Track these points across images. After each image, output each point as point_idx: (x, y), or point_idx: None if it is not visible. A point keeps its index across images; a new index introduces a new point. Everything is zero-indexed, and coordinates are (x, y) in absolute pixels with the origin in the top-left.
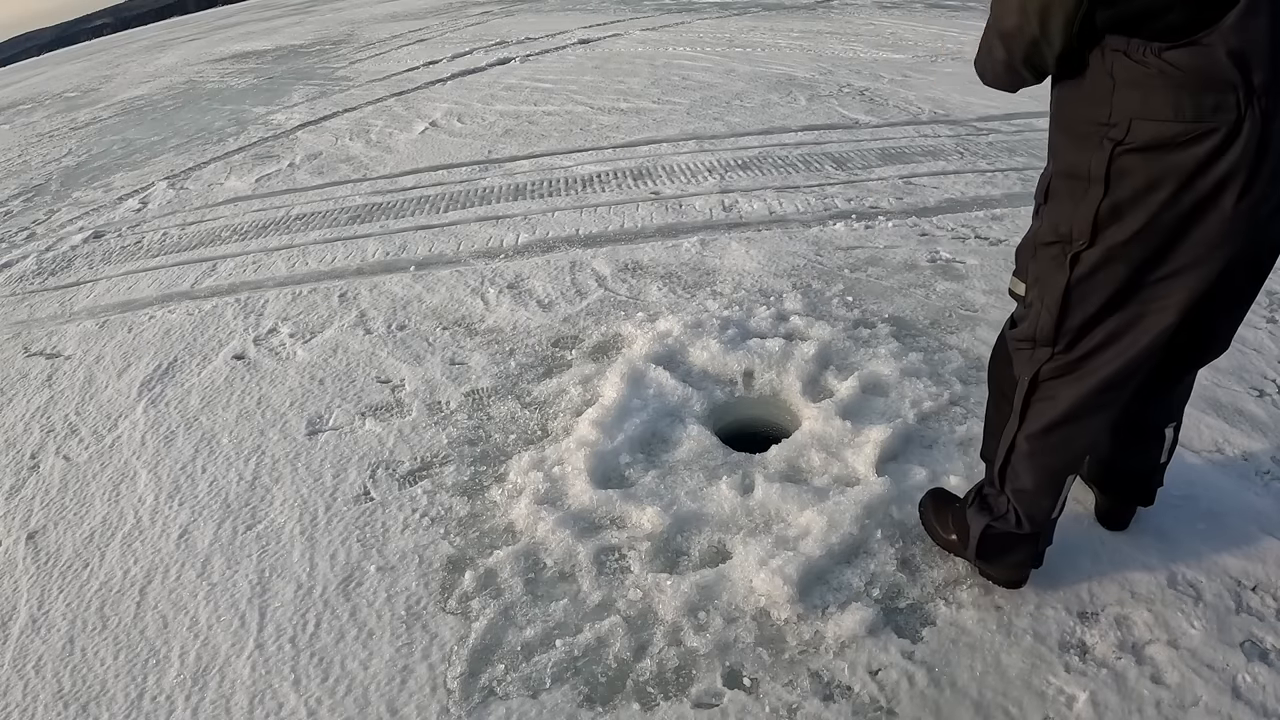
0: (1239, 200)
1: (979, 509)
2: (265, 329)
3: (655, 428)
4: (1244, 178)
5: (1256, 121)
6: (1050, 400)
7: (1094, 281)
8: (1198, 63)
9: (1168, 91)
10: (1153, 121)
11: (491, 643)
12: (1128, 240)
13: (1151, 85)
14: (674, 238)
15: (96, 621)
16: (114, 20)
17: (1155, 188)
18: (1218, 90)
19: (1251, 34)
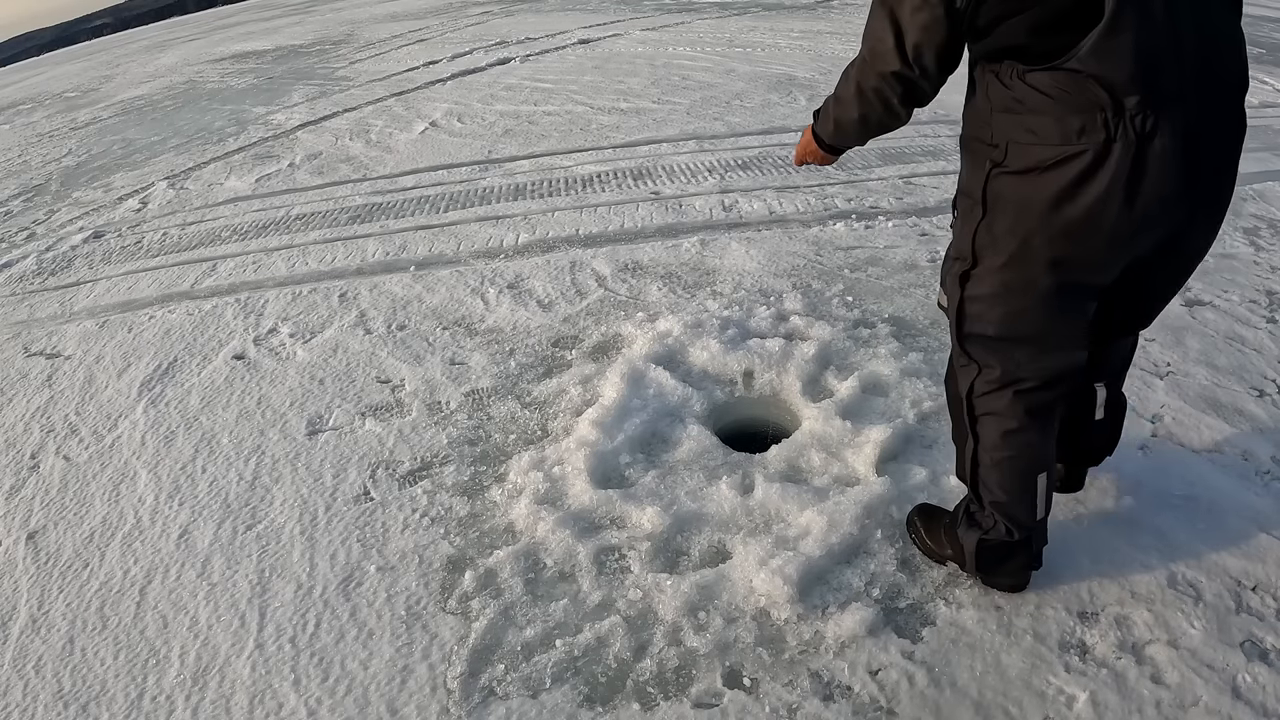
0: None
1: (968, 526)
2: (265, 329)
3: (655, 428)
4: (1120, 199)
5: (1130, 142)
6: (990, 414)
7: (981, 301)
8: (1061, 86)
9: (1035, 115)
10: (1024, 145)
11: (491, 643)
12: (1005, 263)
13: (1021, 109)
14: (674, 238)
15: (96, 621)
16: (114, 20)
17: (1026, 211)
18: (1084, 112)
19: (1116, 54)
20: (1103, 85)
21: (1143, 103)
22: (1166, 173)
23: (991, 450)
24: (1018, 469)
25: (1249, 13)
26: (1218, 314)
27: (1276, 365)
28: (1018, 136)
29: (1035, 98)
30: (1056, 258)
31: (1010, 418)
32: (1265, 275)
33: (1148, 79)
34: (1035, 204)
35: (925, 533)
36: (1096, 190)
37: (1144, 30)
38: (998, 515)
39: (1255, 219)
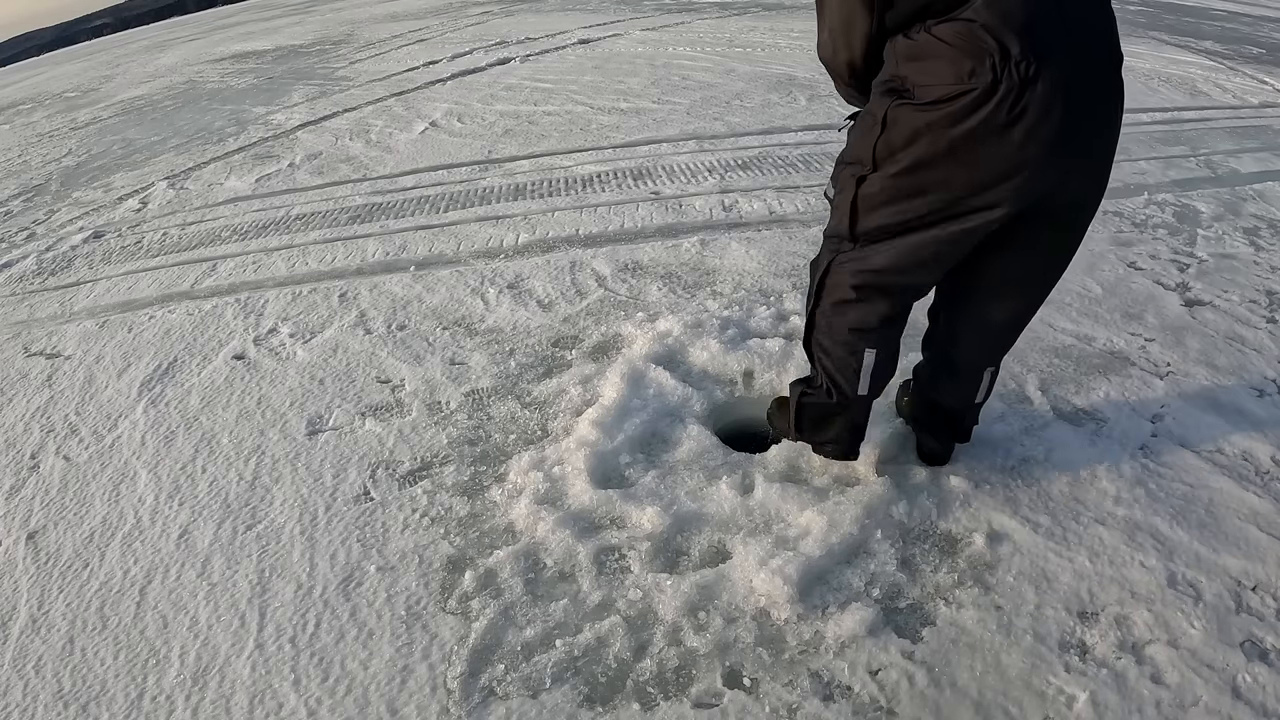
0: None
1: (798, 381)
2: (265, 329)
3: (655, 428)
4: (999, 128)
5: (1014, 84)
6: (839, 280)
7: (873, 199)
8: (959, 34)
9: (936, 60)
10: (924, 85)
11: (491, 643)
12: (897, 173)
13: (924, 55)
14: (674, 238)
15: (96, 621)
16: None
17: (918, 135)
18: (975, 57)
19: (1004, 8)
20: (992, 34)
21: (1024, 51)
22: (1043, 116)
23: (827, 311)
24: (844, 329)
25: (1249, 13)
26: (1218, 314)
27: (1276, 365)
28: (920, 79)
29: (936, 45)
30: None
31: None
32: (1265, 275)
33: (1030, 32)
34: (929, 126)
35: (776, 408)
36: (980, 118)
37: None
38: (824, 375)
39: (1255, 219)
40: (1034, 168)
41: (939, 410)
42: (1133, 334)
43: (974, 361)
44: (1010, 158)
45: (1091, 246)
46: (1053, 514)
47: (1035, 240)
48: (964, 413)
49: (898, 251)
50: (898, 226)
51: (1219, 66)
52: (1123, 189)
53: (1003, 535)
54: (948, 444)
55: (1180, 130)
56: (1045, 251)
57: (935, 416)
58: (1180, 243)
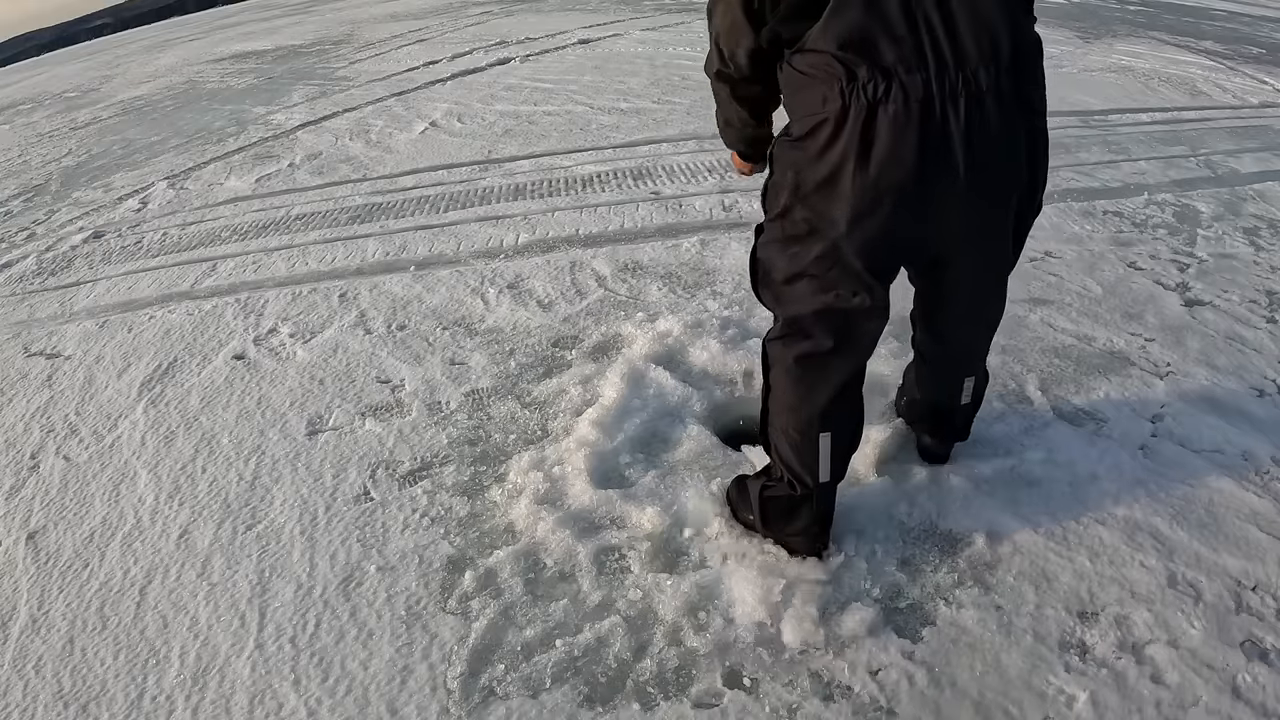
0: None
1: (757, 476)
2: (265, 329)
3: (655, 428)
4: (853, 164)
5: (861, 108)
6: (776, 363)
7: (767, 249)
8: (811, 64)
9: (799, 92)
10: (796, 118)
11: (491, 643)
12: (780, 213)
13: (790, 87)
14: (674, 238)
15: (96, 621)
16: (114, 20)
17: (791, 169)
18: (827, 83)
19: (845, 29)
20: (837, 59)
21: (871, 71)
22: (898, 137)
23: (778, 397)
24: (799, 420)
25: (1249, 12)
26: (1218, 314)
27: (1276, 365)
28: (793, 111)
29: (797, 77)
30: (814, 215)
31: (788, 368)
32: (1265, 275)
33: (872, 51)
34: (798, 163)
35: (737, 496)
36: (838, 150)
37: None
38: (783, 468)
39: (1255, 219)
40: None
41: (930, 409)
42: (1133, 334)
43: (949, 371)
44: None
45: (1091, 247)
46: (1053, 514)
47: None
48: (952, 412)
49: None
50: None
51: (1219, 66)
52: (1122, 189)
53: (1003, 535)
54: (946, 442)
55: (1180, 130)
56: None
57: (928, 416)
58: (1180, 243)
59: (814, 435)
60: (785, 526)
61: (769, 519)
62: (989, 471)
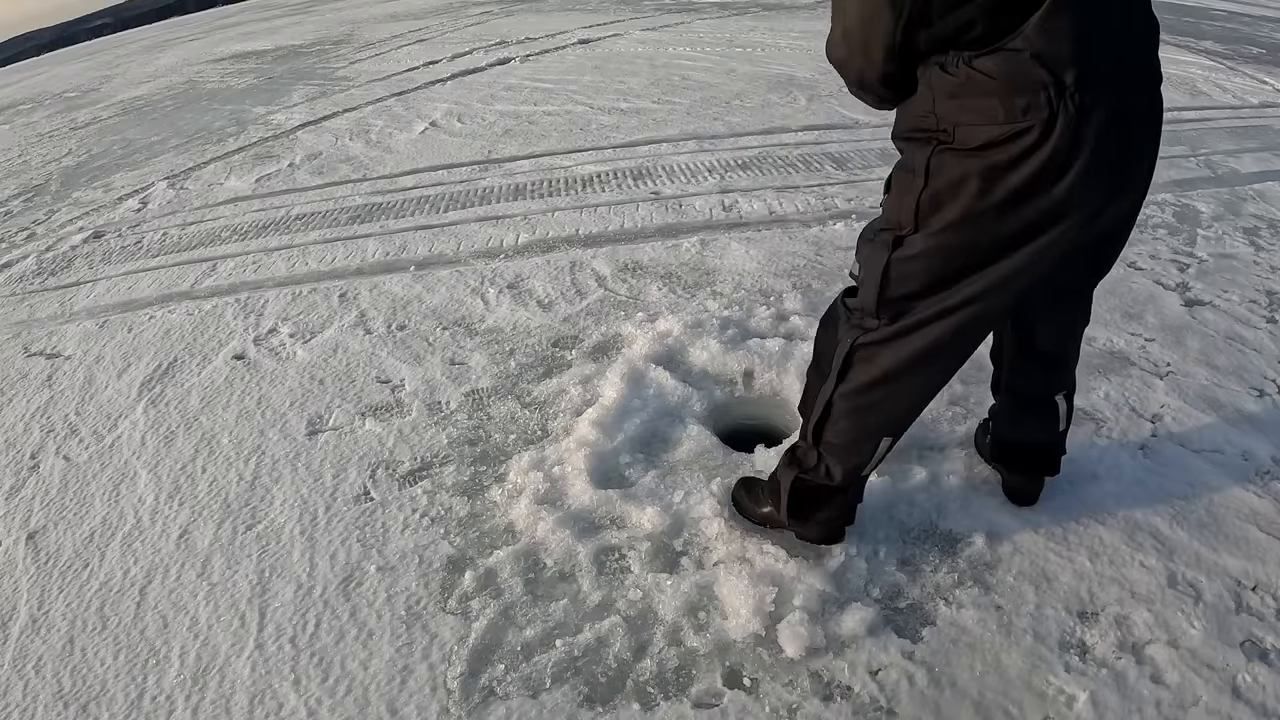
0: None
1: (788, 463)
2: (265, 329)
3: (655, 428)
4: (1058, 167)
5: (1071, 117)
6: (868, 363)
7: (913, 263)
8: (1006, 68)
9: (982, 98)
10: (970, 126)
11: (491, 643)
12: (943, 229)
13: (966, 92)
14: (674, 238)
15: (96, 621)
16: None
17: (965, 184)
18: (1028, 91)
19: (1057, 35)
20: (1044, 64)
21: (1079, 80)
22: (1099, 149)
23: (849, 396)
24: (868, 422)
25: (1249, 12)
26: (1218, 314)
27: (1276, 365)
28: (964, 119)
29: (981, 81)
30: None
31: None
32: (1265, 275)
33: (1084, 58)
34: (979, 177)
35: (745, 494)
36: (1038, 161)
37: (1083, 12)
38: (825, 457)
39: (1255, 219)
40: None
41: (1024, 449)
42: (1133, 334)
43: (1044, 392)
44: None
45: None
46: (1053, 514)
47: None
48: (1052, 445)
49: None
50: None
51: (1219, 66)
52: None
53: (1003, 535)
54: (1037, 481)
55: (1180, 130)
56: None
57: (1022, 455)
58: (1180, 243)
59: (878, 439)
60: (812, 515)
61: (797, 507)
62: (989, 471)
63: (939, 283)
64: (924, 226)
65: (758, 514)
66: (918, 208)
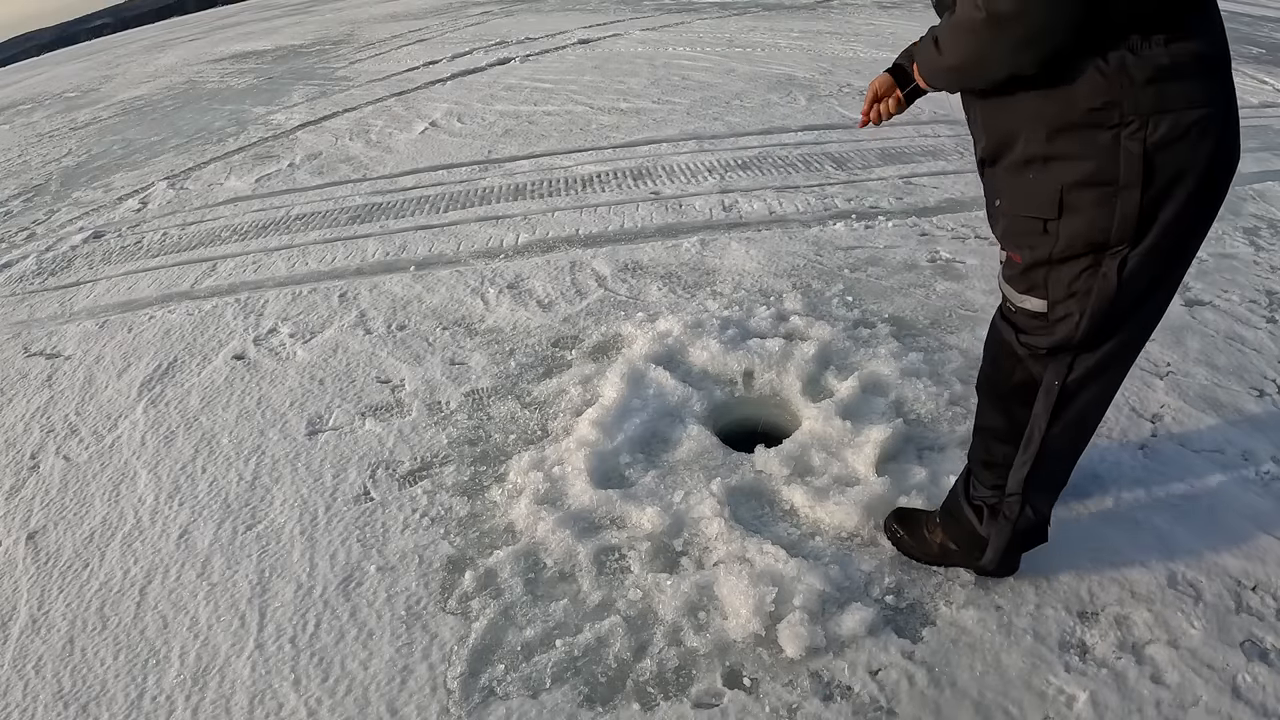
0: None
1: (991, 518)
2: (265, 329)
3: (655, 428)
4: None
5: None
6: (1081, 393)
7: (1137, 281)
8: (1196, 49)
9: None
10: (1172, 113)
11: (491, 643)
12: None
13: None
14: (674, 238)
15: (96, 621)
16: (114, 20)
17: (1181, 180)
18: (1218, 73)
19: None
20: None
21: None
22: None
23: (1064, 434)
24: (1078, 448)
25: (1249, 12)
26: (1218, 314)
27: (1276, 365)
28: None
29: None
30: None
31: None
32: (1265, 275)
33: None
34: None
35: (908, 535)
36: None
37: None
38: (1032, 498)
39: (1255, 219)
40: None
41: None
42: None
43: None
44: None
45: None
46: (1052, 513)
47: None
48: None
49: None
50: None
51: None
52: None
53: None
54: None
55: None
56: None
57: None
58: None
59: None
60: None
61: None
62: None
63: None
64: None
65: (929, 555)
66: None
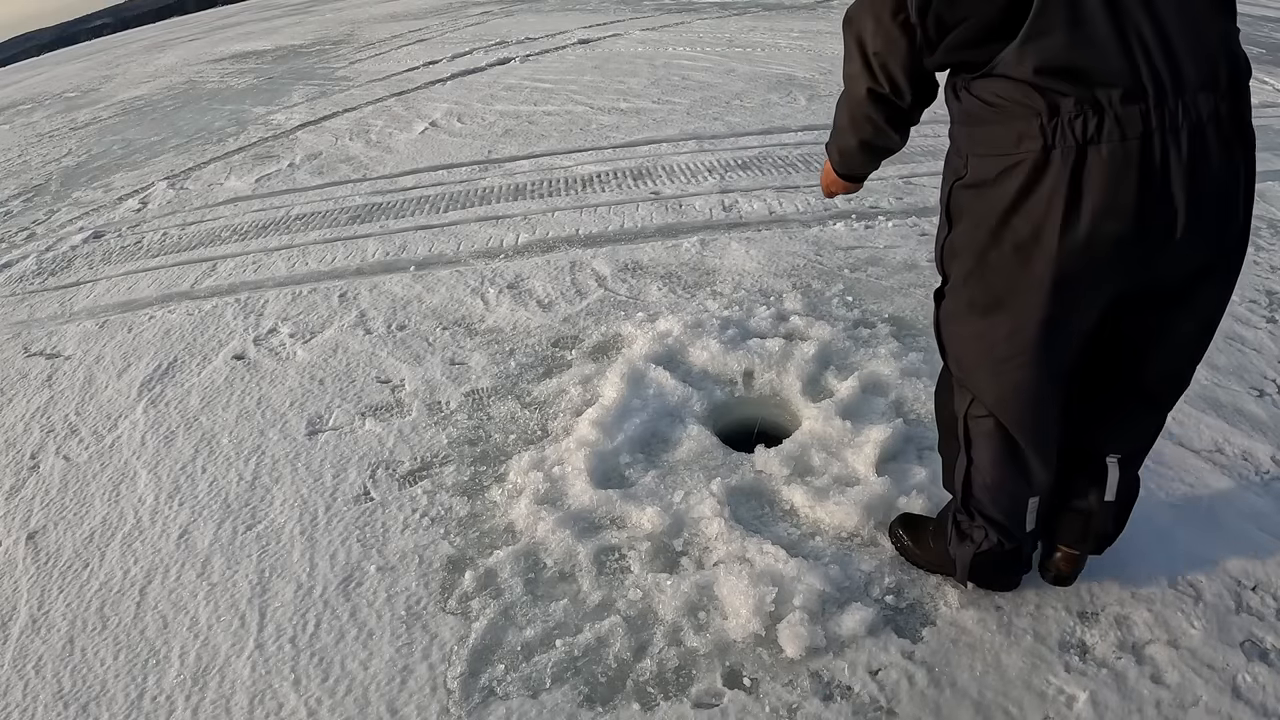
0: (1059, 246)
1: (959, 540)
2: (265, 329)
3: (655, 428)
4: (1059, 218)
5: (1069, 150)
6: (983, 438)
7: (956, 322)
8: (1000, 93)
9: (983, 126)
10: (979, 156)
11: (491, 643)
12: (964, 280)
13: (972, 119)
14: (674, 238)
15: (96, 621)
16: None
17: (979, 225)
18: (1023, 119)
19: (1046, 52)
20: (1036, 88)
21: (1080, 104)
22: (1115, 183)
23: (985, 472)
24: (1009, 493)
25: (1250, 12)
26: None
27: (1276, 365)
28: (973, 149)
29: (980, 108)
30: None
31: (995, 455)
32: (1265, 275)
33: (1080, 78)
34: (987, 218)
35: (912, 542)
36: (1039, 202)
37: (1075, 27)
38: (989, 529)
39: (1255, 219)
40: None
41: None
42: None
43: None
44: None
45: None
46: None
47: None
48: (1088, 515)
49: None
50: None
51: None
52: None
53: None
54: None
55: None
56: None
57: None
58: None
59: (1025, 501)
60: (996, 579)
61: (980, 578)
62: None
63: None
64: (946, 279)
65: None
66: (941, 254)
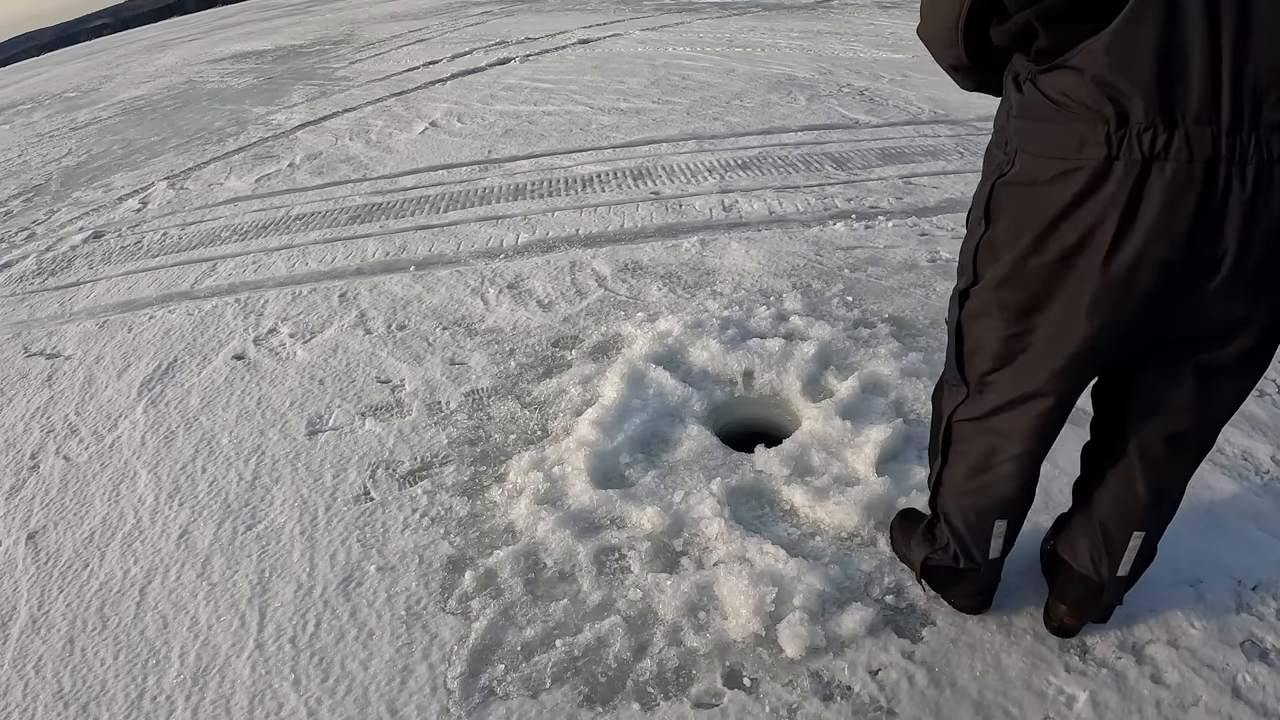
0: (1105, 261)
1: (923, 538)
2: (265, 329)
3: (655, 428)
4: (1111, 233)
5: (1133, 164)
6: (964, 443)
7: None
8: (1068, 90)
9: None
10: (1030, 155)
11: (491, 643)
12: (999, 283)
13: (1031, 114)
14: (674, 238)
15: (96, 621)
16: (114, 20)
17: (1022, 229)
18: (1086, 122)
19: (1133, 51)
20: (1108, 92)
21: (1151, 114)
22: (1173, 206)
23: (956, 481)
24: (977, 507)
25: None
26: None
27: (1277, 365)
28: (1026, 145)
29: (1043, 104)
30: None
31: (976, 460)
32: None
33: (1163, 87)
34: (1033, 222)
35: (900, 536)
36: (1091, 213)
37: (1170, 27)
38: (951, 540)
39: None
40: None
41: (1072, 574)
42: None
43: (1118, 518)
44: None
45: None
46: (1052, 514)
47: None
48: (1101, 586)
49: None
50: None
51: None
52: None
53: None
54: (1078, 617)
55: None
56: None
57: (1066, 580)
58: None
59: (990, 521)
60: (948, 591)
61: (933, 582)
62: None
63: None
64: (982, 278)
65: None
66: (976, 254)
